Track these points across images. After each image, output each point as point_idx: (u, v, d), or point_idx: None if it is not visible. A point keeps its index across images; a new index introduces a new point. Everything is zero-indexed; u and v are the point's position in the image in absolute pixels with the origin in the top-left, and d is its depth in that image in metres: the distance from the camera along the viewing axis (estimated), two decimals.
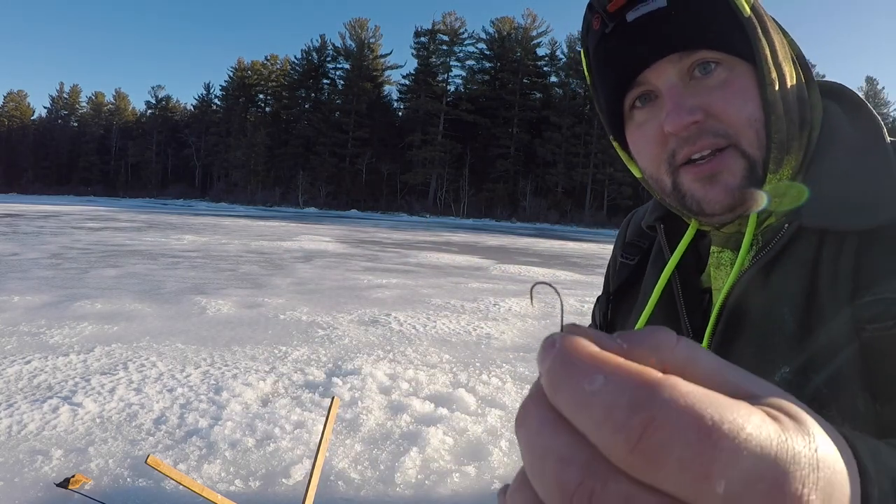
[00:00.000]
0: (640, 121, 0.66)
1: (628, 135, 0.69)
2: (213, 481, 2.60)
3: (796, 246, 0.60)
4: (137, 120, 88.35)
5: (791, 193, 0.61)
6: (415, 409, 3.54)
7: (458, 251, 16.13)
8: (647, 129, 0.65)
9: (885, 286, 0.54)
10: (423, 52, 65.15)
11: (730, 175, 0.61)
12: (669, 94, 0.61)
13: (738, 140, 0.60)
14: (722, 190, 0.61)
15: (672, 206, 0.69)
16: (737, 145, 0.60)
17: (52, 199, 51.79)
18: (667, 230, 0.77)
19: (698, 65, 0.61)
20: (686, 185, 0.63)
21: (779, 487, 0.18)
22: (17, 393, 3.50)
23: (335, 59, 71.03)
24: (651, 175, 0.67)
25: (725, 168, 0.61)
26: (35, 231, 15.82)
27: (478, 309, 6.97)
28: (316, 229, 23.38)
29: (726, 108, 0.60)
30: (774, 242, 0.60)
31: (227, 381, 3.84)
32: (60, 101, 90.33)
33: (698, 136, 0.60)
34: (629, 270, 0.84)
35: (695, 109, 0.60)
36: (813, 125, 0.65)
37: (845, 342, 0.55)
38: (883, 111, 59.72)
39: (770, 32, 0.62)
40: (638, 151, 0.68)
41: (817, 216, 0.59)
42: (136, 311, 5.99)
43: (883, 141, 0.62)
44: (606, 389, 0.19)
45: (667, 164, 0.64)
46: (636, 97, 0.65)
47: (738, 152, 0.61)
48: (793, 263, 0.60)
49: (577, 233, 37.29)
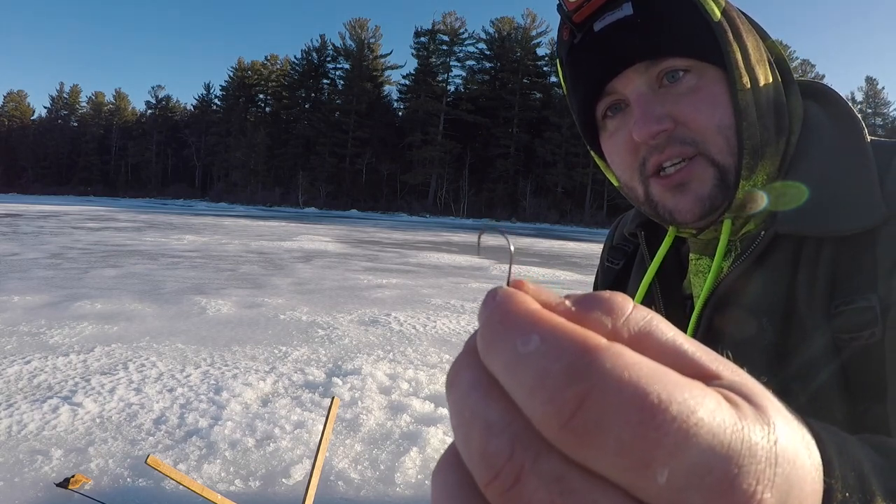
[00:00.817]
0: (611, 130, 0.66)
1: (602, 144, 0.69)
2: (213, 481, 2.60)
3: (774, 253, 0.59)
4: (137, 120, 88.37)
5: (791, 193, 0.60)
6: (415, 409, 3.54)
7: (458, 251, 16.14)
8: (618, 138, 0.65)
9: (861, 295, 0.53)
10: (423, 52, 65.16)
11: (699, 184, 0.61)
12: (637, 102, 0.61)
13: (706, 148, 0.60)
14: (692, 199, 0.61)
15: (647, 213, 0.68)
16: (705, 153, 0.60)
17: (51, 199, 51.79)
18: (648, 237, 0.76)
19: (666, 73, 0.60)
20: (657, 196, 0.63)
21: (729, 482, 0.16)
22: (17, 393, 3.50)
23: (335, 59, 71.09)
24: (625, 183, 0.67)
25: (694, 177, 0.61)
26: (35, 231, 15.82)
27: (478, 309, 6.97)
28: (316, 229, 23.38)
29: (695, 116, 0.60)
30: (751, 250, 0.60)
31: (227, 381, 3.84)
32: (60, 101, 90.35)
33: (667, 145, 0.60)
34: (614, 275, 0.84)
35: (663, 118, 0.59)
36: (792, 129, 0.64)
37: (824, 352, 0.54)
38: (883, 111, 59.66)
39: (742, 36, 0.61)
40: (612, 161, 0.68)
41: (793, 222, 0.58)
42: (136, 311, 5.99)
43: (863, 142, 0.60)
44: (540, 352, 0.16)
45: (638, 172, 0.64)
46: (607, 107, 0.65)
47: (707, 160, 0.60)
48: (770, 271, 0.59)
49: (577, 233, 37.28)
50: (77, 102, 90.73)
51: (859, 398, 0.53)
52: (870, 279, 0.54)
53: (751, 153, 0.60)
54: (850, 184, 0.57)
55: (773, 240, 0.59)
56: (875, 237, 0.54)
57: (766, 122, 0.61)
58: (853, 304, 0.53)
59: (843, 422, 0.53)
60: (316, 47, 71.60)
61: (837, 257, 0.56)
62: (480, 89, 63.82)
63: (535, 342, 0.17)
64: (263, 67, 76.31)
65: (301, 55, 72.70)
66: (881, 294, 0.52)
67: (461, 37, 65.67)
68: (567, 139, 56.65)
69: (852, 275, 0.55)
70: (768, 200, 0.60)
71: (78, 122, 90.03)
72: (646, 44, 0.60)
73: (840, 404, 0.53)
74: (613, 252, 0.87)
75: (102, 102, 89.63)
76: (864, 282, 0.54)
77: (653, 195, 0.64)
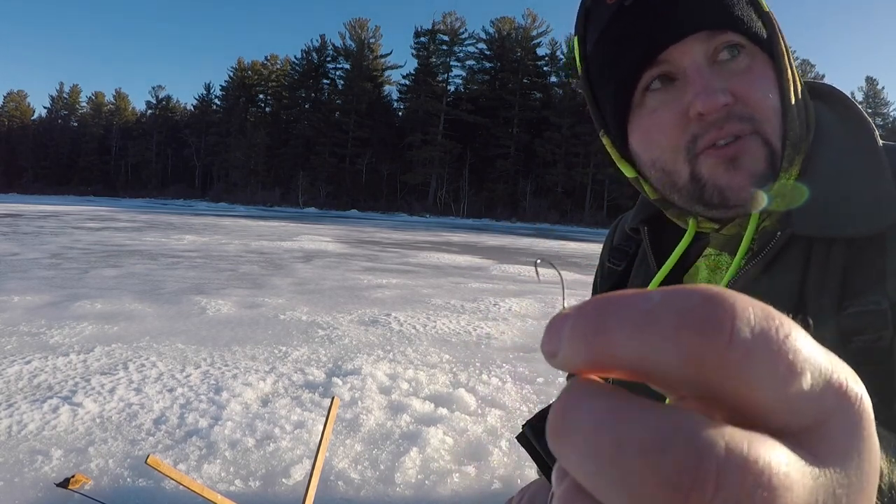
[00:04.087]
0: (654, 105, 0.61)
1: (636, 123, 0.64)
2: (213, 481, 2.60)
3: (787, 252, 0.59)
4: (137, 120, 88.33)
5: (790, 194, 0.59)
6: (415, 409, 3.54)
7: (458, 251, 16.13)
8: (663, 113, 0.60)
9: (870, 297, 0.53)
10: (423, 52, 65.14)
11: (752, 161, 0.58)
12: (699, 73, 0.57)
13: (762, 127, 0.58)
14: (746, 175, 0.58)
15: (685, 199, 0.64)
16: (761, 132, 0.58)
17: (52, 199, 51.78)
18: (652, 233, 0.74)
19: (725, 47, 0.58)
20: (707, 173, 0.59)
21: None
22: (17, 393, 3.50)
23: (335, 59, 71.05)
24: (662, 166, 0.63)
25: (748, 153, 0.58)
26: (35, 231, 15.82)
27: (478, 309, 6.97)
28: (316, 229, 23.37)
29: (754, 94, 0.58)
30: (767, 250, 0.59)
31: (227, 381, 3.84)
32: (60, 101, 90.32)
33: (726, 120, 0.57)
34: (617, 277, 0.82)
35: (725, 91, 0.56)
36: (809, 128, 0.63)
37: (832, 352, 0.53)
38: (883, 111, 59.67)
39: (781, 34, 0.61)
40: (648, 140, 0.63)
41: (808, 224, 0.57)
42: (136, 311, 5.99)
43: (875, 144, 0.60)
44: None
45: (686, 151, 0.60)
46: (654, 77, 0.61)
47: (761, 139, 0.58)
48: (782, 270, 0.58)
49: (577, 233, 37.28)
50: (77, 102, 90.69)
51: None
52: (880, 281, 0.53)
53: (792, 145, 0.59)
54: (863, 185, 0.57)
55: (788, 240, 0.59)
56: (886, 239, 0.54)
57: (802, 118, 0.60)
58: (863, 305, 0.53)
59: None
60: (316, 47, 71.61)
61: (848, 258, 0.55)
62: (480, 89, 63.79)
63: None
64: (263, 67, 76.28)
65: (301, 55, 72.72)
66: (891, 296, 0.52)
67: (461, 37, 65.66)
68: (567, 139, 56.63)
69: (863, 276, 0.54)
70: (768, 200, 0.59)
71: (78, 122, 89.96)
72: (709, 12, 0.57)
73: None
74: (615, 253, 0.84)
75: (102, 102, 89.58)
76: (874, 283, 0.53)
77: (701, 174, 0.60)
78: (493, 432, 3.29)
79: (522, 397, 3.90)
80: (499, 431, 3.31)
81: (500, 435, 3.26)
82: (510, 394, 3.96)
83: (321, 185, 63.08)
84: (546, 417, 0.65)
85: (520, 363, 4.74)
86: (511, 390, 4.03)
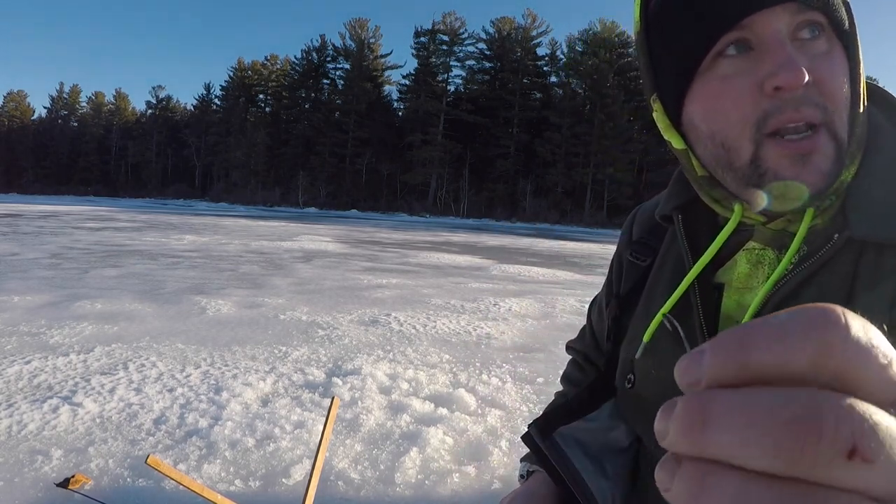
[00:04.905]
0: (726, 72, 0.57)
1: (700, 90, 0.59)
2: (213, 481, 2.60)
3: (839, 257, 0.56)
4: (137, 120, 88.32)
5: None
6: (415, 409, 3.54)
7: (458, 251, 16.13)
8: (735, 82, 0.56)
9: None
10: (423, 52, 65.12)
11: (822, 157, 0.54)
12: (782, 45, 0.54)
13: (832, 118, 0.54)
14: (815, 173, 0.54)
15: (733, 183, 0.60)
16: (829, 124, 0.54)
17: (52, 199, 51.79)
18: (685, 221, 0.70)
19: (809, 24, 0.55)
20: (771, 162, 0.55)
21: None
22: (17, 393, 3.50)
23: (335, 59, 71.04)
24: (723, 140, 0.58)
25: (819, 149, 0.54)
26: (35, 231, 15.82)
27: (478, 309, 6.97)
28: (316, 229, 23.37)
29: (830, 80, 0.54)
30: (824, 251, 0.56)
31: (227, 381, 3.84)
32: (60, 101, 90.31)
33: (802, 102, 0.53)
34: (640, 272, 0.79)
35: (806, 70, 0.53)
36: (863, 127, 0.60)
37: None
38: None
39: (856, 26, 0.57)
40: (712, 109, 0.58)
41: (868, 227, 0.54)
42: (136, 311, 5.99)
43: None
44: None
45: (754, 127, 0.55)
46: (731, 42, 0.56)
47: (830, 133, 0.54)
48: (832, 273, 0.56)
49: (577, 233, 37.28)
50: (77, 102, 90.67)
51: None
52: None
53: (857, 142, 0.56)
54: None
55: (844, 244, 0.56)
56: None
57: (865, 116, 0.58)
58: None
59: None
60: (316, 47, 71.61)
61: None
62: (480, 89, 63.78)
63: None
64: (263, 67, 76.28)
65: (301, 55, 72.72)
66: None
67: (461, 37, 65.65)
68: (567, 139, 56.63)
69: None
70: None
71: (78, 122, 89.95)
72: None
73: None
74: (637, 247, 0.81)
75: (102, 102, 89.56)
76: None
77: (764, 159, 0.56)
78: (493, 432, 3.29)
79: (522, 397, 3.90)
80: (499, 431, 3.31)
81: (500, 435, 3.26)
82: (510, 394, 3.96)
83: (321, 185, 63.07)
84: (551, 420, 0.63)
85: (520, 363, 4.73)
86: (511, 390, 4.03)
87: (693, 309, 0.65)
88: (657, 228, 0.79)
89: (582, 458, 0.77)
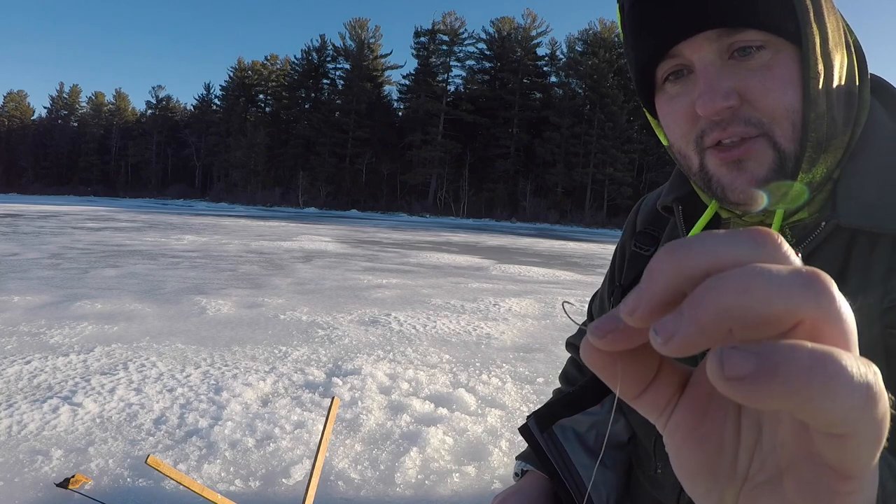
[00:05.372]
0: (671, 93, 0.62)
1: (658, 105, 0.65)
2: (213, 481, 2.60)
3: (828, 244, 0.58)
4: (137, 120, 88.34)
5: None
6: (415, 409, 3.54)
7: (458, 251, 16.13)
8: (677, 104, 0.61)
9: None
10: (423, 52, 65.14)
11: (756, 165, 0.58)
12: (704, 73, 0.57)
13: (771, 130, 0.57)
14: (748, 178, 0.58)
15: (698, 184, 0.66)
16: (769, 135, 0.57)
17: (52, 199, 51.77)
18: (685, 211, 0.73)
19: (739, 47, 0.57)
20: (712, 169, 0.60)
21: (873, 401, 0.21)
22: (17, 393, 3.50)
23: (335, 59, 71.08)
24: (679, 150, 0.64)
25: (753, 157, 0.58)
26: (35, 231, 15.81)
27: (478, 309, 6.97)
28: (316, 229, 23.37)
29: (764, 96, 0.56)
30: (811, 239, 0.58)
31: (227, 381, 3.84)
32: (60, 101, 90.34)
33: (729, 122, 0.57)
34: (644, 262, 0.80)
35: (730, 93, 0.56)
36: (857, 121, 0.61)
37: (873, 348, 0.53)
38: None
39: (825, 16, 0.57)
40: (667, 125, 0.64)
41: (857, 216, 0.56)
42: (136, 311, 5.99)
43: None
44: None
45: (695, 143, 0.61)
46: (669, 70, 0.61)
47: (769, 143, 0.57)
48: (822, 262, 0.57)
49: (577, 233, 37.28)
50: (77, 102, 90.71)
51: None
52: None
53: (814, 146, 0.58)
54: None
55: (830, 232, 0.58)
56: None
57: (835, 114, 0.58)
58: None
59: None
60: (316, 47, 71.62)
61: (893, 254, 0.55)
62: (480, 89, 63.80)
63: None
64: (263, 67, 76.29)
65: (301, 55, 72.75)
66: None
67: (461, 37, 65.66)
68: (567, 139, 56.65)
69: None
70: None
71: (78, 122, 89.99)
72: (722, 10, 0.55)
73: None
74: (640, 238, 0.83)
75: (102, 102, 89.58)
76: None
77: (708, 167, 0.61)
78: (493, 432, 3.29)
79: (522, 397, 3.91)
80: (499, 431, 3.31)
81: (500, 435, 3.26)
82: (510, 394, 3.96)
83: (321, 185, 63.06)
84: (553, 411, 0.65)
85: (520, 363, 4.73)
86: (511, 390, 4.03)
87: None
88: (659, 219, 0.82)
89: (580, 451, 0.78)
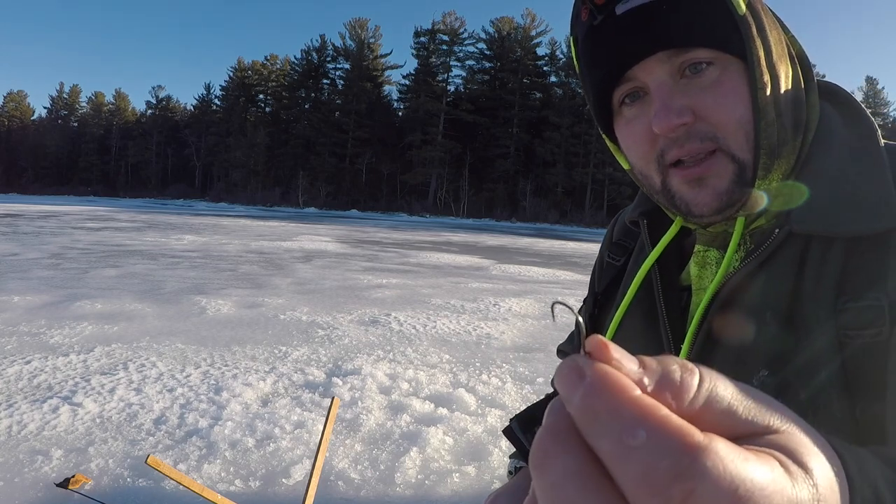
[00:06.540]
0: (629, 117, 0.64)
1: (617, 129, 0.67)
2: (213, 481, 2.60)
3: (783, 249, 0.59)
4: (137, 120, 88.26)
5: (789, 194, 0.60)
6: (415, 409, 3.54)
7: (458, 251, 16.13)
8: (635, 126, 0.63)
9: (872, 293, 0.53)
10: (423, 52, 65.12)
11: (718, 179, 0.60)
12: (658, 93, 0.59)
13: (726, 143, 0.59)
14: (710, 193, 0.61)
15: (662, 202, 0.68)
16: (725, 149, 0.59)
17: (52, 199, 51.77)
18: (651, 225, 0.75)
19: (689, 65, 0.59)
20: (675, 187, 0.62)
21: None
22: (17, 393, 3.50)
23: (335, 59, 71.03)
24: (640, 171, 0.66)
25: (713, 172, 0.60)
26: (35, 231, 15.82)
27: (478, 309, 6.97)
28: (316, 229, 23.37)
29: (716, 111, 0.59)
30: (766, 246, 0.59)
31: (227, 381, 3.84)
32: (60, 101, 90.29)
33: (686, 139, 0.59)
34: (615, 271, 0.83)
35: (684, 111, 0.58)
36: (808, 127, 0.64)
37: (827, 349, 0.54)
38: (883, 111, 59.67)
39: (766, 30, 0.60)
40: (627, 147, 0.66)
41: (807, 222, 0.58)
42: (136, 311, 5.99)
43: (876, 144, 0.60)
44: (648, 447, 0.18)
45: (656, 163, 0.63)
46: (625, 94, 0.63)
47: (727, 156, 0.60)
48: (778, 267, 0.59)
49: (577, 233, 37.28)
50: (77, 102, 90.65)
51: (858, 396, 0.52)
52: (880, 278, 0.54)
53: (767, 153, 0.60)
54: (866, 185, 0.57)
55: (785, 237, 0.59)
56: (888, 239, 0.54)
57: (785, 121, 0.61)
58: (861, 300, 0.53)
59: (841, 419, 0.52)
60: (316, 47, 71.59)
61: (847, 257, 0.56)
62: (480, 89, 63.77)
63: (642, 437, 0.18)
64: (263, 67, 76.26)
65: (301, 55, 72.70)
66: (891, 294, 0.52)
67: (461, 37, 65.63)
68: (567, 139, 56.62)
69: (861, 273, 0.55)
70: (768, 200, 0.60)
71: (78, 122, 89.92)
72: (670, 33, 0.58)
73: (839, 402, 0.53)
74: (614, 248, 0.86)
75: (102, 102, 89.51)
76: (873, 280, 0.54)
77: (670, 186, 0.63)
78: (493, 432, 3.29)
79: (522, 397, 3.90)
80: (499, 431, 3.31)
81: (500, 435, 3.25)
82: (510, 394, 3.96)
83: (321, 185, 63.03)
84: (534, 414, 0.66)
85: (520, 363, 4.74)
86: (511, 390, 4.03)
87: (658, 311, 0.69)
88: (631, 231, 0.84)
89: None
